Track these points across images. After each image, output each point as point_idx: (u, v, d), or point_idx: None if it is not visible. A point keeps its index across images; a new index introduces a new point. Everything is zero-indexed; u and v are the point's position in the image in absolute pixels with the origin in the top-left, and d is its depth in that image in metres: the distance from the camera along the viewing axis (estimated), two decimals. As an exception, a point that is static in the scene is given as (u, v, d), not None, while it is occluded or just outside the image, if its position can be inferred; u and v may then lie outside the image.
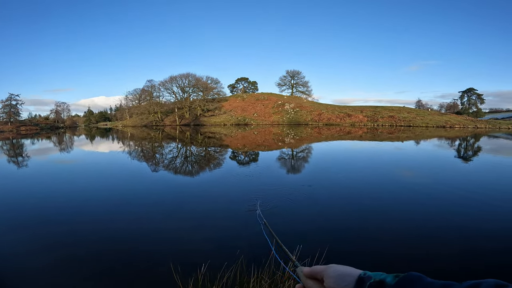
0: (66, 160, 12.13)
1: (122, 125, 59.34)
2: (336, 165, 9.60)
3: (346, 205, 5.20)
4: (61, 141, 25.30)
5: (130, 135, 30.14)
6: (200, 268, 2.44)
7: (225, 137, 23.39)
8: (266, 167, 9.06)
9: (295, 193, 5.84)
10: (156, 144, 19.27)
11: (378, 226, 4.12)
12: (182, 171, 8.89)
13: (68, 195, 6.05)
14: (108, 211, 4.97)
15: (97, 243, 3.61)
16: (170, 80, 58.34)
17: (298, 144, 17.44)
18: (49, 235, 3.90)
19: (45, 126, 62.79)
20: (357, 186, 6.53)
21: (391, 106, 55.81)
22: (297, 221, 4.34)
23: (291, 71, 66.49)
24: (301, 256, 2.68)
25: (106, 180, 7.72)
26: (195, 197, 5.87)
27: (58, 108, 69.79)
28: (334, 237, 3.75)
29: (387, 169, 8.83)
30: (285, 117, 53.82)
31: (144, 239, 3.74)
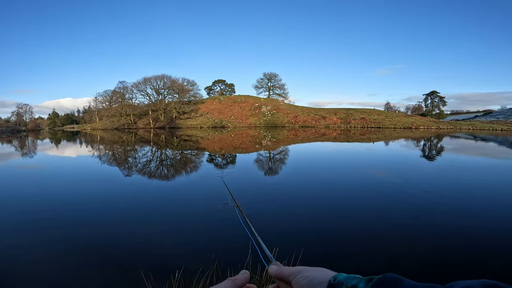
0: (29, 165, 11.19)
1: (91, 128, 56.20)
2: (312, 166, 9.82)
3: (323, 205, 5.31)
4: (23, 145, 23.35)
5: (99, 139, 28.59)
6: (174, 275, 2.34)
7: (201, 140, 23.00)
8: (243, 170, 9.03)
9: (272, 195, 5.86)
10: (128, 147, 18.46)
11: (355, 225, 4.24)
12: (156, 175, 8.58)
13: (30, 200, 5.57)
14: (74, 216, 4.64)
15: (64, 249, 3.35)
16: (143, 82, 56.41)
17: (275, 146, 17.62)
18: (14, 243, 3.55)
19: (5, 129, 57.83)
20: (333, 187, 6.70)
21: (362, 108, 58.46)
22: (273, 223, 4.35)
23: (268, 74, 67.32)
24: (278, 258, 2.65)
25: (72, 185, 7.21)
26: (169, 201, 5.68)
27: (20, 110, 64.90)
28: (311, 237, 3.79)
29: (361, 169, 9.18)
30: (262, 120, 54.22)
31: (115, 245, 3.53)
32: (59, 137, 33.57)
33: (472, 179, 7.60)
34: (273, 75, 67.23)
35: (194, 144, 19.76)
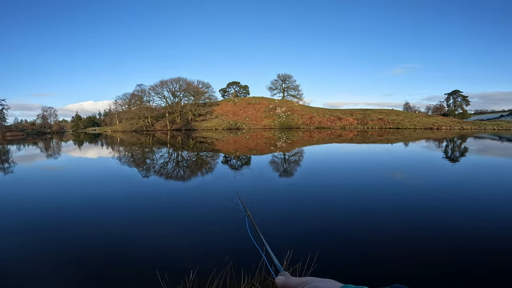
0: (53, 166, 11.77)
1: (112, 131, 58.30)
2: (328, 167, 9.65)
3: (339, 207, 5.20)
4: (48, 147, 24.61)
5: (119, 141, 29.60)
6: (188, 275, 2.36)
7: (216, 142, 23.25)
8: (258, 171, 9.03)
9: (287, 197, 5.82)
10: (146, 149, 18.98)
11: (371, 228, 4.12)
12: (172, 176, 8.75)
13: (54, 200, 5.84)
14: (94, 217, 4.81)
15: (83, 249, 3.48)
16: (160, 85, 57.90)
17: (290, 147, 17.49)
18: (35, 241, 3.74)
19: (31, 131, 61.14)
20: (349, 188, 6.56)
21: (380, 109, 56.88)
22: (288, 225, 4.31)
23: (282, 75, 67.10)
24: (292, 260, 2.63)
25: (93, 186, 7.50)
26: (184, 202, 5.77)
27: (45, 113, 68.31)
28: (326, 240, 3.72)
29: (378, 170, 8.92)
30: (276, 121, 54.07)
31: (131, 244, 3.62)
32: (82, 139, 35.08)
33: (494, 180, 7.18)
34: (287, 76, 66.97)
35: (209, 146, 20.00)
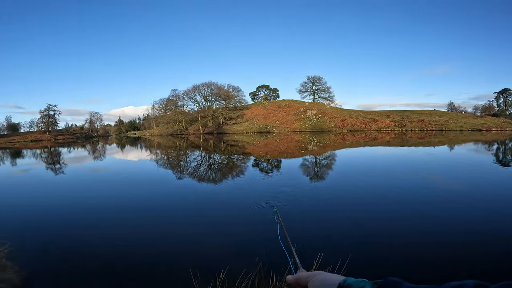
0: (98, 168, 12.91)
1: (150, 134, 62.06)
2: (362, 170, 9.25)
3: (372, 211, 4.97)
4: (95, 149, 27.00)
5: (156, 144, 31.42)
6: (219, 275, 2.44)
7: (247, 145, 23.56)
8: (288, 174, 8.97)
9: (317, 199, 5.71)
10: (180, 152, 19.89)
11: (406, 232, 3.89)
12: (205, 178, 9.06)
13: (98, 200, 6.41)
14: (132, 216, 5.17)
15: (121, 247, 3.76)
16: (193, 89, 60.38)
17: (321, 151, 17.11)
18: (79, 238, 4.14)
19: (80, 135, 67.46)
20: (385, 191, 6.23)
21: (420, 110, 53.11)
22: (318, 228, 4.23)
23: (312, 77, 66.05)
24: (323, 263, 2.59)
25: (133, 186, 8.08)
26: (217, 203, 5.94)
27: (92, 118, 74.90)
28: (358, 244, 3.60)
29: (418, 174, 8.35)
30: (307, 124, 53.23)
31: (167, 243, 3.83)
32: (124, 143, 37.88)
33: None
34: (318, 78, 65.70)
35: (240, 149, 20.34)
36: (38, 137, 57.90)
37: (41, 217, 5.19)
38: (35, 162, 17.07)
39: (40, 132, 61.16)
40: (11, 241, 3.12)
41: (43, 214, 5.44)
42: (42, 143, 44.52)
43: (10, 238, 3.21)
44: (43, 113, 61.36)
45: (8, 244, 3.06)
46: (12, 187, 8.83)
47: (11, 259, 2.96)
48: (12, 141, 52.51)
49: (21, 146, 39.52)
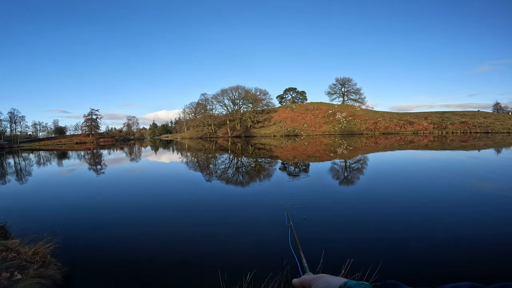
0: (134, 169, 13.76)
1: (181, 137, 64.63)
2: (396, 174, 8.76)
3: (409, 215, 4.69)
4: (132, 151, 28.81)
5: (187, 147, 32.62)
6: (246, 277, 2.46)
7: (274, 148, 23.52)
8: (316, 177, 8.80)
9: (348, 203, 5.53)
10: (210, 155, 20.45)
11: (446, 238, 3.61)
12: (233, 181, 9.22)
13: (133, 200, 6.85)
14: (166, 216, 5.45)
15: (154, 244, 3.97)
16: (221, 93, 61.79)
17: (351, 154, 16.52)
18: (116, 235, 4.45)
19: (119, 138, 72.32)
20: (424, 196, 5.84)
21: (462, 111, 49.01)
22: (348, 232, 4.10)
23: (341, 79, 64.25)
24: (351, 269, 2.51)
25: (166, 187, 8.50)
26: (245, 205, 6.01)
27: (129, 121, 79.77)
28: (391, 250, 3.43)
29: (460, 179, 7.71)
30: (336, 127, 51.78)
31: (197, 243, 3.96)
32: (157, 145, 39.90)
33: None
34: (347, 80, 63.72)
35: (268, 152, 20.37)
36: (82, 139, 63.07)
37: (83, 215, 5.66)
38: (79, 163, 18.65)
39: (84, 135, 66.59)
40: (57, 237, 3.40)
41: (86, 212, 5.92)
42: (85, 145, 48.56)
43: (56, 235, 3.49)
44: (87, 117, 66.77)
45: (54, 241, 3.30)
46: (59, 187, 9.73)
47: (56, 255, 3.22)
48: (59, 143, 57.86)
49: (67, 147, 43.44)
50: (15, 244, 3.08)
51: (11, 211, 5.75)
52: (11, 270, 2.50)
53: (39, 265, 2.71)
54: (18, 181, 10.86)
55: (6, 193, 8.23)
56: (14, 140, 54.67)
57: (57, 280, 2.68)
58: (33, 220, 5.09)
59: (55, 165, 18.10)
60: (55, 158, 23.72)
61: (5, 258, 2.71)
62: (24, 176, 12.51)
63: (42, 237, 3.37)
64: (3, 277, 2.35)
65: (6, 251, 2.87)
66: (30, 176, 12.48)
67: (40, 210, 6.05)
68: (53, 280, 2.63)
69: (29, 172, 14.13)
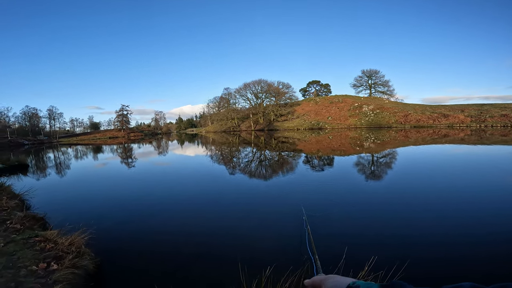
0: (161, 162, 14.33)
1: (205, 131, 66.10)
2: (429, 170, 8.23)
3: (441, 214, 4.38)
4: (159, 145, 30.03)
5: (211, 140, 33.28)
6: (265, 270, 2.46)
7: (298, 142, 23.21)
8: (342, 172, 8.54)
9: (374, 199, 5.31)
10: (233, 148, 20.68)
11: (473, 238, 3.33)
12: (256, 174, 9.24)
13: (160, 193, 7.13)
14: (191, 209, 5.60)
15: (179, 236, 4.10)
16: (244, 87, 62.00)
17: (379, 148, 15.82)
18: (143, 226, 4.64)
19: (147, 132, 75.74)
20: (454, 194, 5.43)
21: (503, 103, 44.75)
22: (373, 228, 3.95)
23: (367, 71, 61.45)
24: (375, 267, 2.41)
25: (190, 181, 8.75)
26: (267, 198, 6.00)
27: (157, 116, 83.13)
28: (418, 249, 3.25)
29: (498, 175, 7.06)
30: (363, 120, 49.85)
31: (219, 235, 4.03)
32: (183, 139, 41.16)
33: None
34: (374, 72, 60.78)
35: (291, 145, 20.15)
36: (115, 134, 66.81)
37: (115, 207, 5.99)
38: (112, 157, 19.77)
39: (116, 130, 70.52)
40: (91, 228, 3.57)
41: (117, 204, 6.26)
42: (117, 140, 51.41)
43: (90, 226, 3.68)
44: (118, 113, 70.47)
45: (88, 231, 3.45)
46: (94, 180, 10.38)
47: (89, 246, 3.39)
48: (94, 138, 61.85)
49: (101, 142, 46.29)
50: (53, 234, 3.32)
51: (51, 203, 6.21)
52: (48, 261, 2.70)
53: (74, 255, 2.89)
54: (57, 174, 11.75)
55: (46, 186, 8.92)
56: (53, 136, 59.17)
57: (89, 270, 2.84)
58: (70, 212, 5.45)
59: (90, 158, 19.36)
60: (91, 152, 25.36)
61: (43, 248, 2.94)
62: (63, 169, 13.52)
63: (78, 228, 3.58)
64: (40, 268, 2.54)
65: (45, 241, 3.10)
66: (68, 169, 13.46)
67: (77, 202, 6.48)
68: (86, 270, 2.79)
69: (68, 165, 15.24)
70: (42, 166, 15.58)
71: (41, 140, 53.64)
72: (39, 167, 15.07)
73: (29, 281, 2.37)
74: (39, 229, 3.81)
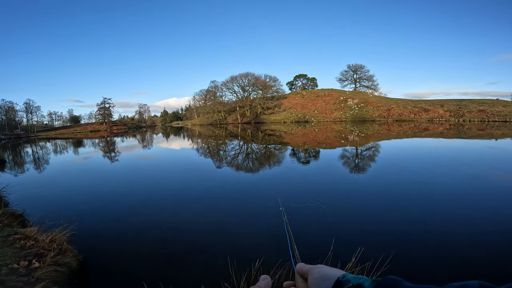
0: (148, 156, 14.03)
1: (191, 124, 65.08)
2: (410, 162, 8.54)
3: (423, 207, 4.59)
4: (144, 139, 29.33)
5: (197, 133, 32.87)
6: (254, 263, 2.49)
7: (284, 135, 23.36)
8: (328, 165, 8.71)
9: (359, 192, 5.47)
10: (220, 141, 20.54)
11: (456, 232, 3.53)
12: (242, 168, 9.25)
13: (146, 188, 7.01)
14: (174, 205, 5.55)
15: (164, 231, 4.06)
16: (231, 80, 61.25)
17: (363, 141, 16.21)
18: (128, 222, 4.57)
19: (131, 125, 73.50)
20: (436, 187, 5.69)
21: (481, 99, 46.81)
22: (360, 221, 4.08)
23: (353, 65, 62.18)
24: (362, 259, 2.49)
25: (178, 176, 8.63)
26: (255, 193, 6.04)
27: (141, 109, 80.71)
28: (403, 241, 3.40)
29: (475, 168, 7.45)
30: (348, 114, 50.73)
31: (206, 231, 4.03)
32: (168, 132, 40.40)
33: None
34: (359, 67, 61.65)
35: (278, 138, 20.27)
36: (96, 127, 64.42)
37: (98, 203, 5.84)
38: (94, 151, 19.15)
39: (97, 123, 67.93)
40: (72, 225, 3.46)
41: (100, 199, 6.10)
42: (99, 133, 49.69)
43: (71, 222, 3.56)
44: (100, 105, 67.80)
45: (70, 228, 3.35)
46: (75, 174, 10.05)
47: (72, 242, 3.30)
48: (74, 132, 59.41)
49: (82, 136, 44.67)
50: (33, 232, 3.20)
51: (30, 200, 5.97)
52: (29, 259, 2.61)
53: (56, 252, 2.81)
54: (36, 170, 11.26)
55: (25, 182, 8.55)
56: (31, 130, 56.42)
57: (72, 268, 2.77)
58: (50, 208, 5.27)
59: (71, 153, 18.67)
60: (71, 146, 24.43)
61: (24, 246, 2.83)
62: (42, 164, 12.97)
63: (59, 225, 3.47)
64: (21, 266, 2.45)
65: (25, 239, 2.99)
66: (47, 164, 12.92)
67: (57, 198, 6.26)
68: (69, 267, 2.72)
69: (47, 160, 14.62)
70: (20, 162, 14.88)
71: (18, 134, 51.03)
72: (17, 163, 14.39)
73: (10, 280, 2.29)
74: (18, 226, 3.66)
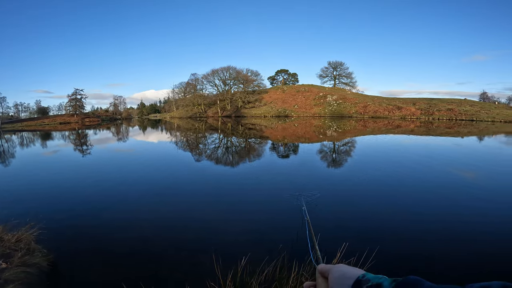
0: (123, 149, 13.43)
1: (170, 117, 63.30)
2: (383, 160, 8.92)
3: (396, 204, 4.81)
4: (119, 131, 28.05)
5: (176, 126, 32.04)
6: (241, 261, 2.45)
7: (265, 129, 23.42)
8: (307, 160, 8.85)
9: (340, 188, 5.60)
10: (199, 135, 20.17)
11: (430, 227, 3.73)
12: (224, 162, 9.15)
13: (122, 183, 6.70)
14: (155, 201, 5.36)
15: (146, 229, 3.91)
16: (212, 73, 60.19)
17: (340, 137, 16.67)
18: (103, 219, 4.35)
19: (105, 117, 69.91)
20: (409, 184, 5.99)
21: (450, 98, 49.88)
22: (343, 218, 4.18)
23: (333, 62, 63.44)
24: (346, 253, 2.54)
25: (155, 169, 8.36)
26: (238, 188, 5.98)
27: (116, 101, 76.92)
28: (386, 236, 3.54)
29: (443, 167, 7.93)
30: (327, 109, 51.87)
31: (189, 227, 3.93)
32: (146, 125, 39.00)
33: None
34: (339, 64, 63.08)
35: (258, 132, 20.27)
36: (67, 119, 60.59)
37: (67, 199, 5.49)
38: (64, 144, 18.04)
39: (68, 115, 63.86)
40: (40, 223, 3.25)
41: (70, 195, 5.74)
42: (70, 125, 46.82)
43: (39, 220, 3.35)
44: (71, 97, 63.72)
45: (37, 226, 3.15)
46: (42, 169, 9.41)
47: (40, 241, 3.09)
48: (42, 124, 55.46)
49: (51, 128, 41.85)
50: (-3, 231, 2.94)
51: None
52: (-6, 259, 2.39)
53: (24, 252, 2.60)
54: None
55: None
56: (-4, 122, 52.00)
57: (42, 268, 2.58)
58: (15, 206, 4.88)
59: (38, 146, 17.44)
60: (38, 139, 22.84)
61: (-13, 246, 2.59)
62: (6, 158, 12.00)
63: (25, 223, 3.22)
64: (-14, 267, 2.24)
65: (-12, 238, 2.74)
66: (12, 158, 11.98)
67: (23, 195, 5.82)
68: (39, 268, 2.53)
69: (11, 154, 13.55)
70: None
71: (-19, 126, 46.82)
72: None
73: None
74: (-20, 225, 3.34)
